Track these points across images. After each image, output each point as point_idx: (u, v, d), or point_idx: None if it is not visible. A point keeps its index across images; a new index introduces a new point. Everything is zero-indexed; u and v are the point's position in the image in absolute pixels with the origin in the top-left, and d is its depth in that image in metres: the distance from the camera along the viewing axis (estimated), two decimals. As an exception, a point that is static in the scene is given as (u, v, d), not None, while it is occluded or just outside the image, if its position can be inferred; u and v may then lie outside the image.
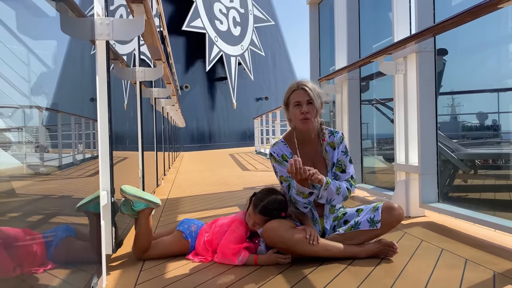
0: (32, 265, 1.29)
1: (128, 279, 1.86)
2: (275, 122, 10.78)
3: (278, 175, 2.20)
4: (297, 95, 2.14)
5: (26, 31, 1.35)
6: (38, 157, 1.48)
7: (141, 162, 3.14)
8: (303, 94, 2.13)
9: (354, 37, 4.22)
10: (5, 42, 1.20)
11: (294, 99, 2.15)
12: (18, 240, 1.21)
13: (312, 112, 2.13)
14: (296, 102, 2.14)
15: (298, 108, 2.13)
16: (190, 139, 19.46)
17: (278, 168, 2.18)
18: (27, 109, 1.35)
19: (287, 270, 1.94)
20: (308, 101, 2.13)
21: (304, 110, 2.11)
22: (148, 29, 2.13)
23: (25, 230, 1.28)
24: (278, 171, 2.18)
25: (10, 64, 1.23)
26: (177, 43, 18.80)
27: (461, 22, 2.24)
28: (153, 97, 4.06)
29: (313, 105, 2.13)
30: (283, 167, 2.16)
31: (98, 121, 1.81)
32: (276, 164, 2.19)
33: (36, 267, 1.32)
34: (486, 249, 2.17)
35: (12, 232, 1.20)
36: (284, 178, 2.16)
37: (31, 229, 1.33)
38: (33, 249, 1.31)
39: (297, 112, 2.13)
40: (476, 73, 3.82)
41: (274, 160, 2.19)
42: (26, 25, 1.37)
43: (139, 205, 2.09)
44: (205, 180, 6.09)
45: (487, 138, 4.43)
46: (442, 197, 2.96)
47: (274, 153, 2.19)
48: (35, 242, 1.33)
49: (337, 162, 2.22)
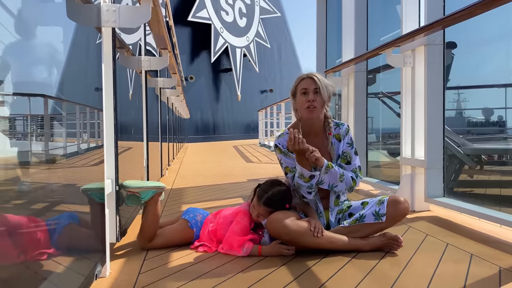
0: (36, 251, 1.29)
1: (132, 267, 1.86)
2: (280, 114, 10.76)
3: (283, 166, 2.18)
4: (305, 83, 2.15)
5: (32, 17, 1.34)
6: (43, 146, 1.48)
7: (145, 152, 3.14)
8: (311, 83, 2.13)
9: (362, 29, 4.18)
10: (10, 29, 1.19)
11: (301, 87, 2.15)
12: (22, 227, 1.21)
13: (318, 101, 2.12)
14: (304, 90, 2.13)
15: (305, 96, 2.13)
16: (194, 130, 19.47)
17: (284, 159, 2.16)
18: (32, 97, 1.34)
19: (291, 261, 1.93)
20: (315, 90, 2.12)
21: (310, 98, 2.11)
22: (155, 17, 2.11)
23: (29, 217, 1.28)
24: (284, 162, 2.17)
25: (16, 51, 1.22)
26: (183, 34, 18.73)
27: (472, 14, 2.20)
28: (158, 87, 4.05)
29: (320, 95, 2.12)
30: (289, 158, 2.15)
31: (103, 110, 1.80)
32: (281, 155, 2.17)
33: (40, 253, 1.32)
34: (491, 245, 2.16)
35: (16, 219, 1.19)
36: (290, 169, 2.15)
37: (35, 216, 1.33)
38: (37, 236, 1.31)
39: (303, 100, 2.13)
40: (484, 68, 3.78)
41: (280, 151, 2.17)
42: (32, 11, 1.36)
43: (147, 195, 2.09)
44: (209, 171, 6.09)
45: (493, 134, 4.40)
46: (447, 191, 2.94)
47: (279, 144, 2.18)
48: (39, 229, 1.33)
49: (342, 154, 2.20)
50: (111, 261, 1.88)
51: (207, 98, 20.63)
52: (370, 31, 4.21)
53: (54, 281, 1.36)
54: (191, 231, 2.18)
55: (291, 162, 2.13)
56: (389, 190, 3.46)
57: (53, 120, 1.59)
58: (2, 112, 1.13)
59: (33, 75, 1.36)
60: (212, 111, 20.84)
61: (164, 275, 1.77)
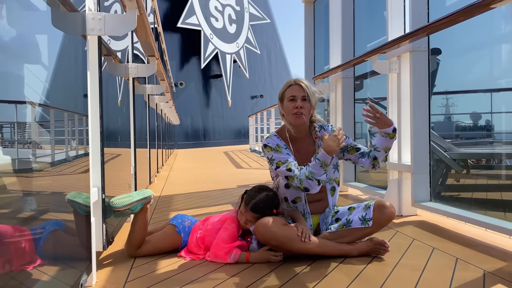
0: (21, 261, 1.28)
1: (119, 276, 1.85)
2: (270, 120, 10.78)
3: (274, 162, 2.12)
4: (292, 90, 2.17)
5: (18, 26, 1.34)
6: (31, 153, 1.47)
7: (133, 159, 3.13)
8: (299, 90, 2.15)
9: (349, 36, 4.22)
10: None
11: (289, 94, 2.17)
12: (7, 237, 1.20)
13: (306, 108, 2.15)
14: (291, 97, 2.16)
15: (293, 103, 2.15)
16: (184, 136, 19.42)
17: (275, 155, 2.13)
18: (20, 105, 1.33)
19: (279, 267, 1.94)
20: (303, 97, 2.15)
21: (298, 105, 2.14)
22: (141, 24, 2.12)
23: (14, 227, 1.27)
24: (275, 158, 2.12)
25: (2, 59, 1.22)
26: (172, 40, 18.74)
27: (455, 21, 2.25)
28: (147, 93, 4.04)
29: (308, 102, 2.15)
30: (279, 153, 2.13)
31: (89, 117, 1.79)
32: (272, 152, 2.14)
33: (25, 263, 1.31)
34: (477, 248, 2.19)
35: (1, 229, 1.18)
36: (282, 162, 2.10)
37: (21, 225, 1.32)
38: (22, 245, 1.30)
39: (291, 106, 2.15)
40: (470, 73, 3.83)
41: (270, 148, 2.15)
42: (18, 19, 1.36)
43: (135, 208, 2.09)
44: (199, 178, 6.08)
45: (480, 138, 4.45)
46: (434, 196, 2.97)
47: (269, 143, 2.17)
48: (24, 238, 1.32)
49: (348, 147, 2.23)
50: (98, 270, 1.87)
51: (197, 104, 20.60)
52: (357, 38, 4.25)
53: (39, 291, 1.35)
54: (178, 236, 2.17)
55: (283, 156, 2.12)
56: (377, 195, 3.49)
57: (41, 128, 1.58)
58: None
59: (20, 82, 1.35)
60: (202, 117, 20.81)
61: (151, 283, 1.76)
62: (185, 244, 2.18)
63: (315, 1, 5.27)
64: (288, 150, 2.16)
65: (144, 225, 2.12)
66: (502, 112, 4.08)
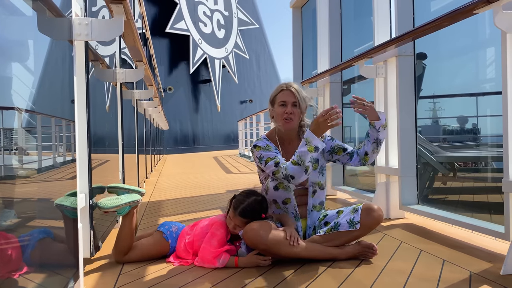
0: (7, 268, 1.26)
1: (107, 282, 1.84)
2: (259, 125, 10.80)
3: (263, 159, 2.12)
4: (284, 95, 2.20)
5: (3, 31, 1.33)
6: (17, 160, 1.46)
7: (121, 165, 3.11)
8: (290, 95, 2.19)
9: (336, 40, 4.26)
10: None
11: (280, 98, 2.20)
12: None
13: (295, 113, 2.18)
14: (282, 102, 2.19)
15: (283, 108, 2.18)
16: (173, 141, 19.35)
17: (264, 153, 2.14)
18: (5, 111, 1.32)
19: (267, 272, 1.94)
20: (294, 103, 2.18)
21: (288, 110, 2.17)
22: (128, 30, 2.11)
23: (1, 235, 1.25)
24: (264, 155, 2.13)
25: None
26: (161, 45, 18.71)
27: (439, 26, 2.28)
28: (135, 98, 4.02)
29: (298, 108, 2.19)
30: (269, 151, 2.14)
31: (76, 122, 1.78)
32: (261, 151, 2.15)
33: (11, 270, 1.29)
34: (463, 250, 2.21)
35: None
36: (271, 158, 2.11)
37: (6, 232, 1.31)
38: (8, 252, 1.28)
39: (282, 111, 2.18)
40: (456, 78, 3.88)
41: (259, 148, 2.16)
42: (3, 24, 1.35)
43: (123, 210, 2.08)
44: (188, 183, 6.06)
45: (467, 141, 4.51)
46: (421, 199, 3.00)
47: (258, 144, 2.19)
48: (10, 246, 1.31)
49: (335, 148, 2.25)
50: (85, 276, 1.85)
51: (186, 109, 20.56)
52: (344, 43, 4.29)
53: (25, 298, 1.33)
54: (166, 242, 2.17)
55: (272, 153, 2.13)
56: (366, 198, 3.51)
57: (27, 134, 1.57)
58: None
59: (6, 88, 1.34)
60: (191, 122, 20.77)
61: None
62: (173, 250, 2.17)
63: (303, 6, 5.31)
64: (277, 151, 2.18)
65: (131, 231, 2.11)
66: (487, 116, 4.14)
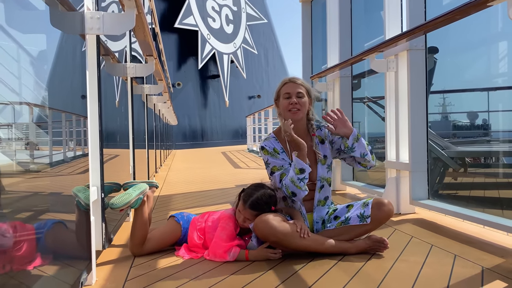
0: (22, 260, 1.28)
1: (118, 275, 1.85)
2: (268, 120, 10.79)
3: (270, 166, 2.18)
4: (287, 87, 2.20)
5: (16, 26, 1.34)
6: (28, 154, 1.47)
7: (132, 160, 3.13)
8: (294, 86, 2.19)
9: (346, 35, 4.23)
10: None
11: (284, 91, 2.20)
12: (7, 236, 1.20)
13: (301, 104, 2.17)
14: (286, 94, 2.19)
15: (288, 100, 2.18)
16: (182, 137, 19.41)
17: (270, 160, 2.18)
18: (17, 106, 1.34)
19: (278, 265, 1.94)
20: (298, 94, 2.18)
21: (293, 101, 2.17)
22: (139, 24, 2.12)
23: (14, 225, 1.27)
24: (271, 162, 2.17)
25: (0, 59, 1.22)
26: (169, 41, 18.74)
27: (451, 20, 2.26)
28: (145, 93, 4.04)
29: (303, 98, 2.18)
30: (275, 158, 2.17)
31: (88, 116, 1.80)
32: (268, 156, 2.19)
33: (27, 261, 1.31)
34: (475, 245, 2.20)
35: (2, 227, 1.19)
36: (277, 167, 2.15)
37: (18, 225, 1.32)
38: (22, 243, 1.30)
39: (286, 103, 2.18)
40: (467, 72, 3.84)
41: (266, 152, 2.19)
42: (16, 19, 1.36)
43: (136, 203, 2.10)
44: (197, 178, 6.08)
45: (477, 137, 4.47)
46: (432, 194, 2.98)
47: (266, 146, 2.20)
48: (25, 237, 1.32)
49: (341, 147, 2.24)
50: (97, 268, 1.87)
51: (194, 105, 20.60)
52: (354, 36, 4.26)
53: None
54: (178, 224, 2.21)
55: (279, 161, 2.16)
56: (375, 193, 3.50)
57: (39, 129, 1.58)
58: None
59: (18, 83, 1.36)
60: (200, 118, 20.81)
61: (151, 281, 1.77)
62: (185, 232, 2.20)
63: (313, 1, 5.28)
64: (284, 155, 2.18)
65: (144, 221, 2.13)
66: (499, 111, 4.10)
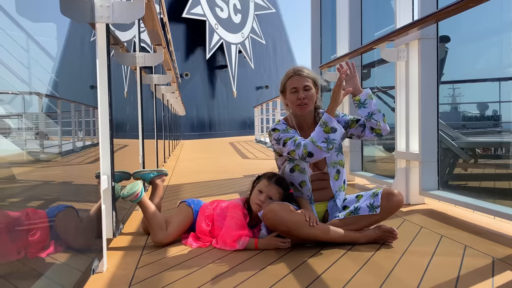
0: (36, 246, 1.30)
1: (129, 262, 1.87)
2: (275, 110, 10.76)
3: (282, 140, 2.11)
4: (293, 81, 2.16)
5: (25, 14, 1.34)
6: (38, 144, 1.48)
7: (141, 149, 3.14)
8: (300, 80, 2.15)
9: (356, 24, 4.19)
10: (4, 27, 1.18)
11: (290, 85, 2.16)
12: (20, 223, 1.22)
13: (309, 97, 2.15)
14: (293, 89, 2.15)
15: (295, 94, 2.15)
16: (190, 127, 19.45)
17: (282, 135, 2.13)
18: (27, 96, 1.34)
19: (287, 254, 1.95)
20: (305, 87, 2.14)
21: (301, 96, 2.14)
22: (149, 12, 2.11)
23: (26, 212, 1.28)
24: (282, 136, 2.12)
25: (10, 49, 1.22)
26: (177, 31, 18.69)
27: (465, 7, 2.22)
28: (153, 83, 4.04)
29: (310, 91, 2.15)
30: (287, 133, 2.14)
31: (98, 105, 1.80)
32: (279, 133, 2.14)
33: (40, 248, 1.32)
34: (485, 236, 2.18)
35: (15, 215, 1.20)
36: (289, 138, 2.10)
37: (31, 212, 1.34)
38: (35, 229, 1.31)
39: (294, 98, 2.15)
40: (479, 62, 3.79)
41: (278, 131, 2.15)
42: (25, 8, 1.36)
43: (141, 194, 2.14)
44: (205, 168, 6.10)
45: (488, 127, 4.42)
46: (442, 185, 2.96)
47: (277, 127, 2.18)
48: (38, 224, 1.34)
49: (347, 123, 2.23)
50: (108, 256, 1.89)
51: (202, 95, 20.60)
52: (364, 26, 4.21)
53: (51, 276, 1.37)
54: (189, 208, 2.24)
55: (291, 134, 2.13)
56: (384, 184, 3.48)
57: (48, 119, 1.59)
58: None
59: (27, 73, 1.36)
60: (207, 108, 20.82)
61: (161, 269, 1.78)
62: (196, 213, 2.22)
63: (322, -10, 5.22)
64: (296, 133, 2.17)
65: (153, 211, 2.16)
66: (511, 101, 4.04)
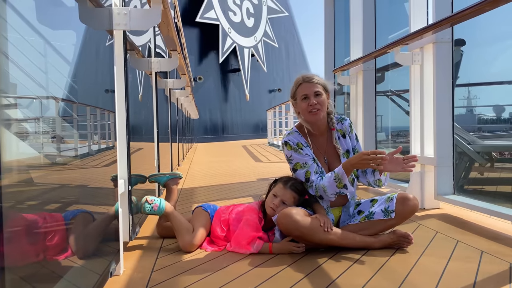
0: (54, 249, 1.32)
1: (145, 265, 1.90)
2: (288, 114, 10.76)
3: (293, 162, 2.17)
4: (303, 88, 2.16)
5: (45, 22, 1.37)
6: (55, 147, 1.51)
7: (156, 153, 3.17)
8: (310, 87, 2.15)
9: (370, 27, 4.18)
10: (23, 34, 1.22)
11: (301, 93, 2.16)
12: (39, 226, 1.24)
13: (320, 103, 2.14)
14: (304, 95, 2.15)
15: (306, 101, 2.15)
16: (203, 130, 19.55)
17: (294, 156, 2.16)
18: (44, 100, 1.37)
19: (301, 259, 1.95)
20: (316, 93, 2.14)
21: (312, 102, 2.13)
22: (164, 19, 2.14)
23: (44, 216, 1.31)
24: (294, 158, 2.16)
25: (28, 55, 1.25)
26: (191, 35, 18.82)
27: (480, 11, 2.21)
28: (168, 88, 4.09)
29: (321, 96, 2.15)
30: (299, 154, 2.16)
31: (115, 110, 1.83)
32: (291, 151, 2.17)
33: (58, 251, 1.35)
34: (502, 241, 2.15)
35: (33, 218, 1.23)
36: (300, 165, 2.14)
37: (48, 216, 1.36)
38: (53, 233, 1.34)
39: (305, 105, 2.15)
40: (494, 65, 3.76)
41: (290, 147, 2.17)
42: (45, 16, 1.39)
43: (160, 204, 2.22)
44: (219, 171, 6.13)
45: (505, 131, 4.37)
46: (457, 189, 2.93)
47: (289, 141, 2.19)
48: (55, 227, 1.36)
49: (354, 150, 2.24)
50: (125, 259, 1.92)
51: (215, 99, 20.69)
52: (378, 30, 4.20)
53: (70, 279, 1.40)
54: (206, 213, 2.27)
55: (302, 158, 2.14)
56: (399, 188, 3.46)
57: (64, 122, 1.62)
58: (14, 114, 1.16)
59: (45, 78, 1.39)
60: (220, 111, 20.90)
61: (177, 272, 1.80)
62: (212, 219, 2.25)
63: (335, -7, 5.22)
64: (308, 149, 2.17)
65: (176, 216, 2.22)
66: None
